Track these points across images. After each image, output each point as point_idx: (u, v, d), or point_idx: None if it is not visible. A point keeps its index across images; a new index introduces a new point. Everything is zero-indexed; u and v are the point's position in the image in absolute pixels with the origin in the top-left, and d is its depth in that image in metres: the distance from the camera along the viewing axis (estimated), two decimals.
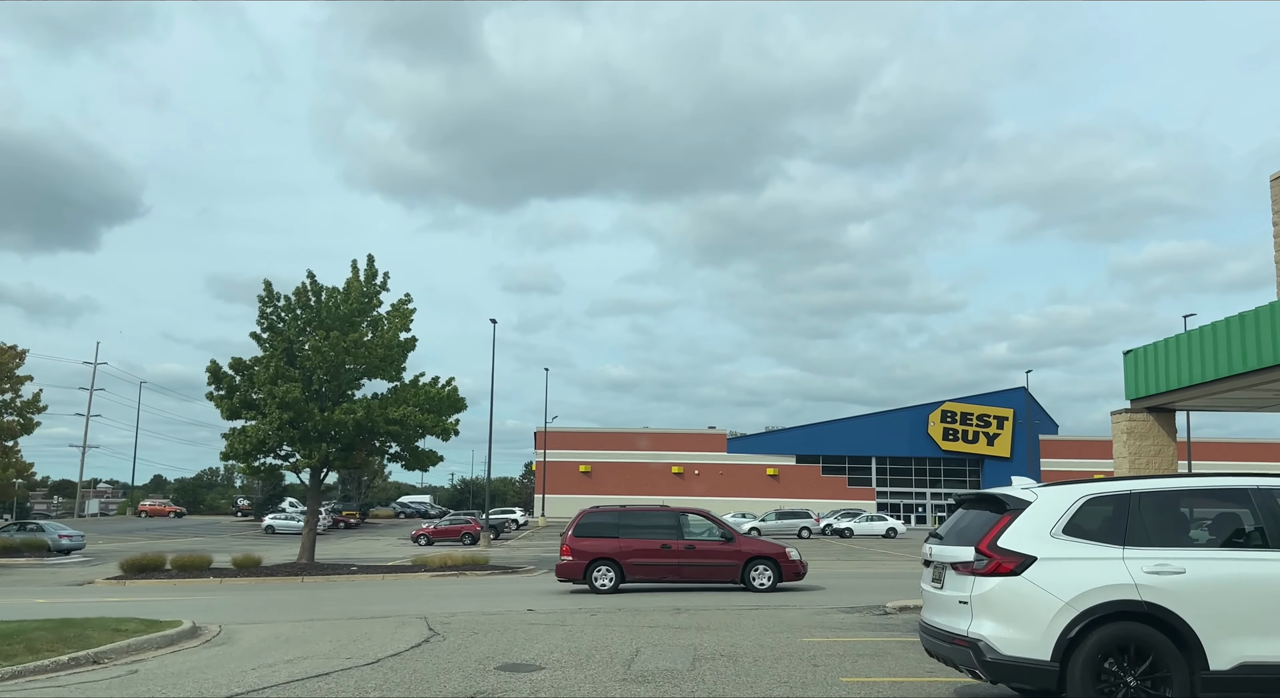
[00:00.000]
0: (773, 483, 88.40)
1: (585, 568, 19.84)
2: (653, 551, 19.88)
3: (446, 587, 22.34)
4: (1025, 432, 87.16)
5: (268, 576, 26.84)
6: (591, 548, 19.95)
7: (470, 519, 58.12)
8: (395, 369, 28.21)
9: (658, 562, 19.88)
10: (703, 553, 19.88)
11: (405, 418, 26.77)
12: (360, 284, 28.41)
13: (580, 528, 20.43)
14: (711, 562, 19.86)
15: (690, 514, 20.83)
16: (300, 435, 26.57)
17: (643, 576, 20.04)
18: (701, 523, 20.58)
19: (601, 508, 21.49)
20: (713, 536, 20.24)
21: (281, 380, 26.17)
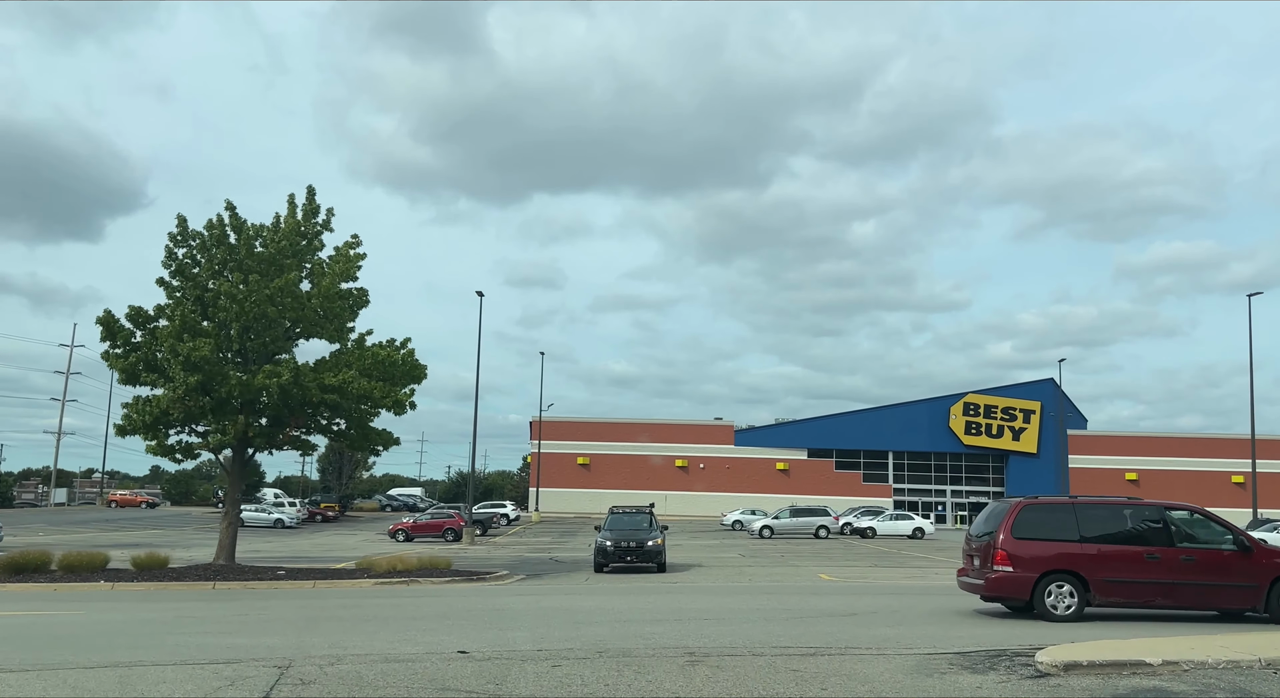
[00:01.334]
0: (782, 478, 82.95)
1: (1034, 584, 13.43)
2: (1133, 560, 13.68)
3: (377, 602, 16.95)
4: (1054, 426, 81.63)
5: (172, 580, 21.48)
6: (1041, 555, 13.59)
7: (454, 514, 52.79)
8: (338, 327, 22.82)
9: (1142, 579, 13.64)
10: (1205, 567, 13.75)
11: (345, 386, 21.38)
12: (296, 221, 23.01)
13: (1020, 524, 13.95)
14: (1219, 581, 13.73)
15: (1180, 511, 14.78)
16: (213, 405, 21.20)
17: (1120, 597, 13.75)
18: (1201, 524, 14.51)
19: (1045, 500, 14.95)
20: (1218, 542, 14.13)
21: (189, 335, 20.82)
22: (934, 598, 17.07)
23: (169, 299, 21.81)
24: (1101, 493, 78.37)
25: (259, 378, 20.73)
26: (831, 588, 19.90)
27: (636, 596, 17.72)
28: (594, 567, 25.15)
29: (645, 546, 24.62)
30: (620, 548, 24.50)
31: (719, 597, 17.46)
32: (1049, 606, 13.31)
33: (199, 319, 21.56)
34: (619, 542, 24.62)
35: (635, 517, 27.11)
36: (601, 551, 24.79)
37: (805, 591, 18.63)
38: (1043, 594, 13.33)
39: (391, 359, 22.52)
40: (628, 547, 24.59)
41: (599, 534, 25.67)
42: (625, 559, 24.56)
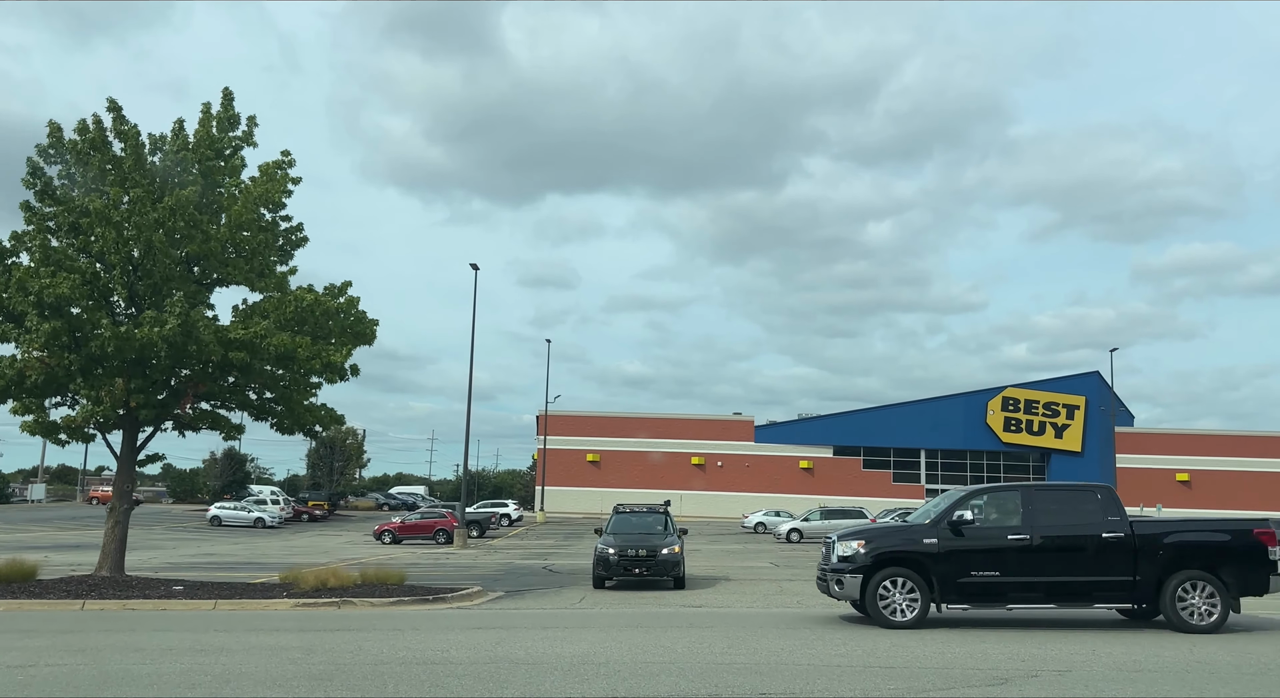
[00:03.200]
0: (806, 477, 77.25)
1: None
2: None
3: (258, 640, 11.55)
4: (1099, 423, 75.67)
5: (35, 596, 16.20)
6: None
7: (446, 513, 47.56)
8: (258, 269, 17.42)
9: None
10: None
11: (256, 340, 16.00)
12: (207, 131, 17.65)
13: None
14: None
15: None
16: (82, 364, 15.86)
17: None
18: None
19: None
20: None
21: (47, 268, 15.54)
22: (1103, 642, 11.54)
23: (29, 226, 16.45)
24: (1149, 494, 72.55)
25: (141, 329, 15.35)
26: None
27: (646, 630, 12.26)
28: (593, 581, 19.71)
29: (659, 555, 19.20)
30: (626, 558, 19.09)
31: (769, 633, 11.96)
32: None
33: (72, 254, 16.23)
34: (625, 550, 19.21)
35: (646, 517, 21.65)
36: (602, 561, 19.39)
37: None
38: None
39: (324, 308, 17.12)
40: (636, 556, 19.17)
41: (599, 539, 20.25)
42: (633, 572, 19.15)
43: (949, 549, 12.40)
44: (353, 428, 77.62)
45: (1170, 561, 12.27)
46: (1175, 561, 12.27)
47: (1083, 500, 12.83)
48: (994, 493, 13.31)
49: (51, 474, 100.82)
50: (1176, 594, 12.11)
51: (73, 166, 16.85)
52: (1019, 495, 12.98)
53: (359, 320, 18.09)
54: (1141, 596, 12.33)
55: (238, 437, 19.15)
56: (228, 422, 18.70)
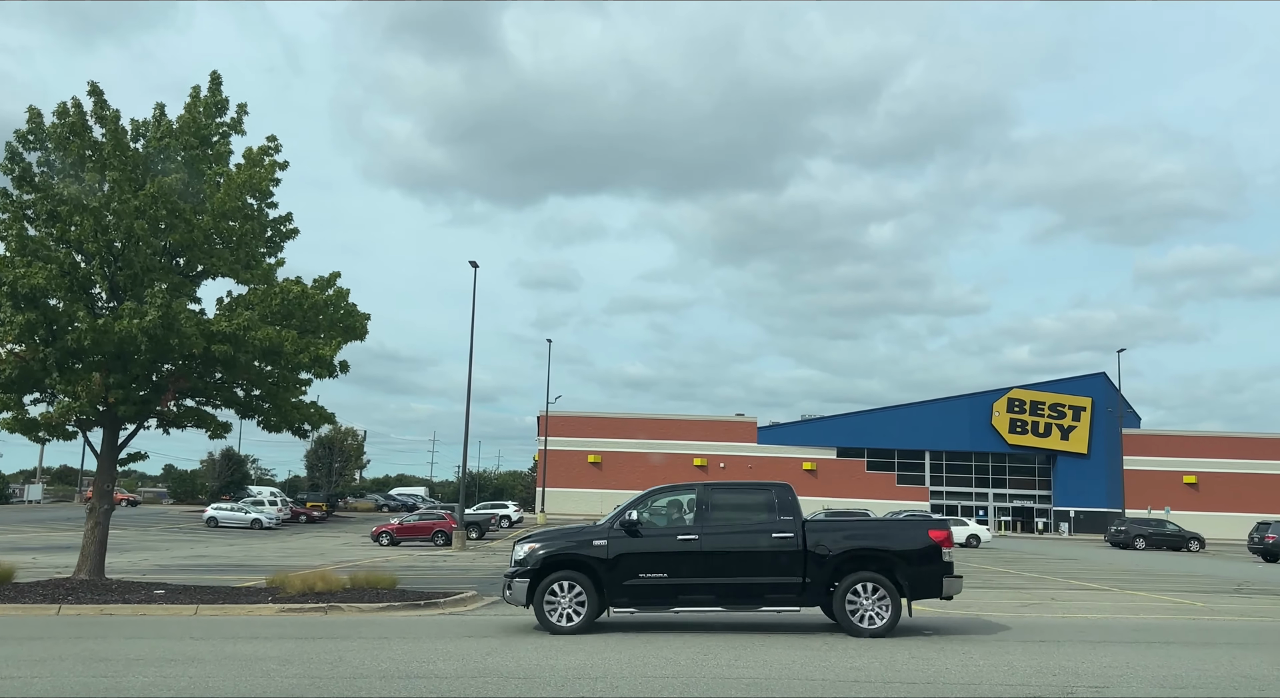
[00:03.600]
0: (809, 479, 76.48)
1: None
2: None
3: (235, 649, 10.85)
4: (1105, 425, 74.92)
5: (9, 600, 15.48)
6: None
7: (445, 514, 46.90)
8: (244, 260, 16.72)
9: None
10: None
11: (240, 333, 15.30)
12: (193, 117, 16.97)
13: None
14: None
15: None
16: (58, 358, 15.18)
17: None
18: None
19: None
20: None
21: (23, 259, 14.86)
22: (1197, 658, 10.82)
23: (4, 213, 15.76)
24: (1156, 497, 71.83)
25: (120, 321, 14.66)
26: (936, 627, 13.64)
27: (649, 640, 11.55)
28: None
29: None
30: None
31: (778, 643, 11.25)
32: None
33: (50, 243, 15.54)
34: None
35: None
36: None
37: (905, 634, 12.39)
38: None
39: (312, 301, 16.41)
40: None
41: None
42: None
43: (619, 552, 12.13)
44: (352, 429, 77.09)
45: (841, 562, 11.93)
46: (847, 563, 11.94)
47: (757, 500, 12.50)
48: (670, 493, 13.14)
49: (53, 475, 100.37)
50: (846, 597, 11.73)
51: (53, 153, 16.15)
52: (694, 495, 12.66)
53: (349, 314, 17.38)
54: (812, 598, 12.01)
55: (224, 435, 18.41)
56: (214, 419, 17.99)
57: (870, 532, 12.60)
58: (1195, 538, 50.82)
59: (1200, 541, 50.81)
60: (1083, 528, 74.03)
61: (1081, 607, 16.99)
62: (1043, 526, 76.30)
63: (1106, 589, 21.21)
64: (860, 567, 11.87)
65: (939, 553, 11.96)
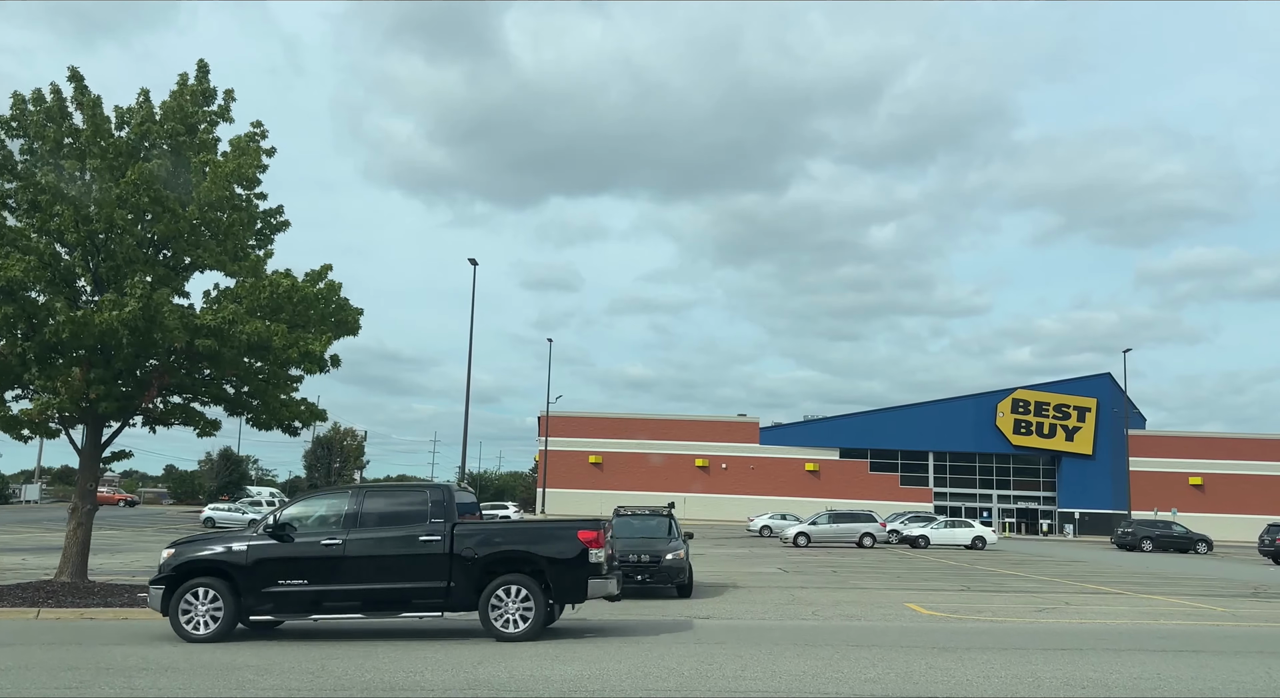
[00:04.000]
0: (812, 480, 75.98)
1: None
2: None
3: (210, 661, 10.29)
4: (1110, 425, 74.31)
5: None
6: None
7: None
8: (231, 252, 16.14)
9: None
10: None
11: (226, 326, 14.72)
12: (179, 105, 16.40)
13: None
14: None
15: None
16: (37, 352, 14.62)
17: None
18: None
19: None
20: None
21: (1, 248, 14.31)
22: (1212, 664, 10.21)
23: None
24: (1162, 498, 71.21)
25: (100, 314, 14.09)
26: (950, 634, 13.07)
27: (648, 646, 10.98)
28: None
29: (663, 560, 17.89)
30: (627, 564, 17.71)
31: (786, 651, 10.68)
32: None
33: (29, 233, 14.98)
34: (626, 555, 17.83)
35: (649, 521, 20.37)
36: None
37: (919, 641, 11.83)
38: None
39: (302, 294, 15.84)
40: (638, 562, 17.82)
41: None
42: (635, 579, 17.82)
43: (259, 557, 11.65)
44: (351, 429, 76.49)
45: (490, 565, 11.58)
46: (494, 565, 11.59)
47: (411, 503, 12.03)
48: (322, 496, 12.82)
49: (53, 475, 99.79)
50: (490, 601, 11.39)
51: (34, 141, 15.60)
52: (347, 498, 12.23)
53: (341, 308, 16.81)
54: (459, 602, 11.59)
55: (213, 432, 17.83)
56: (202, 417, 17.41)
57: (520, 534, 12.22)
58: (1203, 540, 50.19)
59: (1208, 542, 50.18)
60: (1087, 529, 73.41)
61: (1098, 612, 16.39)
62: (1047, 527, 75.68)
63: (1121, 593, 20.61)
64: (509, 570, 11.56)
65: (586, 556, 11.60)
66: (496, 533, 11.98)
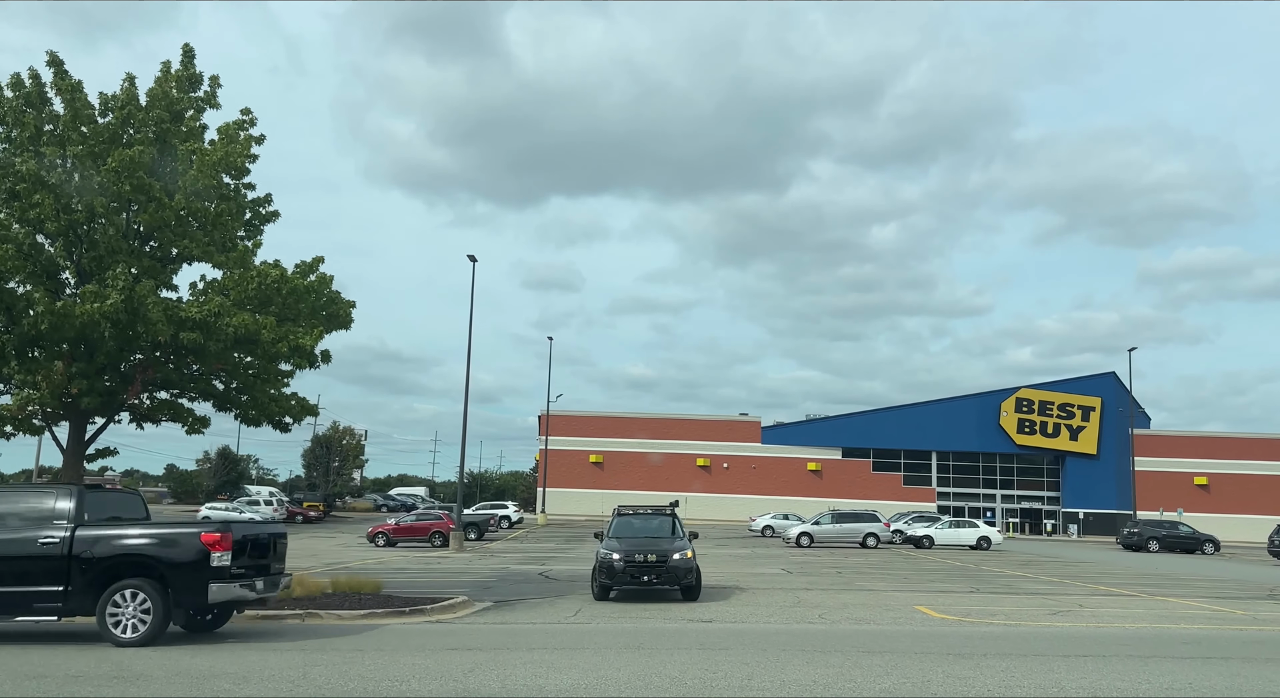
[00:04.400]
0: (814, 480, 75.34)
1: None
2: None
3: (188, 667, 9.77)
4: (1115, 425, 73.69)
5: None
6: None
7: (443, 515, 45.66)
8: (219, 242, 15.64)
9: None
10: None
11: (212, 320, 14.22)
12: (164, 91, 15.89)
13: None
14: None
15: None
16: (17, 343, 14.11)
17: None
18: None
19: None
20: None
21: None
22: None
23: None
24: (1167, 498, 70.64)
25: (81, 304, 13.58)
26: (964, 639, 12.53)
27: (650, 652, 10.45)
28: (594, 592, 17.80)
29: (669, 560, 17.12)
30: (634, 565, 17.02)
31: (794, 658, 10.15)
32: None
33: (8, 223, 14.46)
34: (632, 555, 17.20)
35: (652, 520, 19.76)
36: (607, 568, 17.18)
37: (933, 646, 11.29)
38: None
39: (291, 286, 15.33)
40: (645, 562, 17.07)
41: (602, 545, 18.28)
42: (641, 580, 17.13)
43: None
44: (350, 427, 75.94)
45: (109, 569, 11.17)
46: (114, 569, 11.18)
47: (35, 505, 11.51)
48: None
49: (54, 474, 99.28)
50: (108, 605, 11.02)
51: (12, 128, 15.09)
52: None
53: (333, 301, 16.33)
54: (78, 606, 11.20)
55: (202, 430, 17.31)
56: (190, 413, 16.91)
57: (142, 538, 11.49)
58: (1210, 540, 49.57)
59: (1215, 543, 49.56)
60: (1092, 530, 72.79)
61: (1115, 615, 15.85)
62: (1051, 527, 75.07)
63: (1134, 595, 20.06)
64: (131, 573, 11.15)
65: (208, 560, 11.15)
66: (120, 537, 11.41)
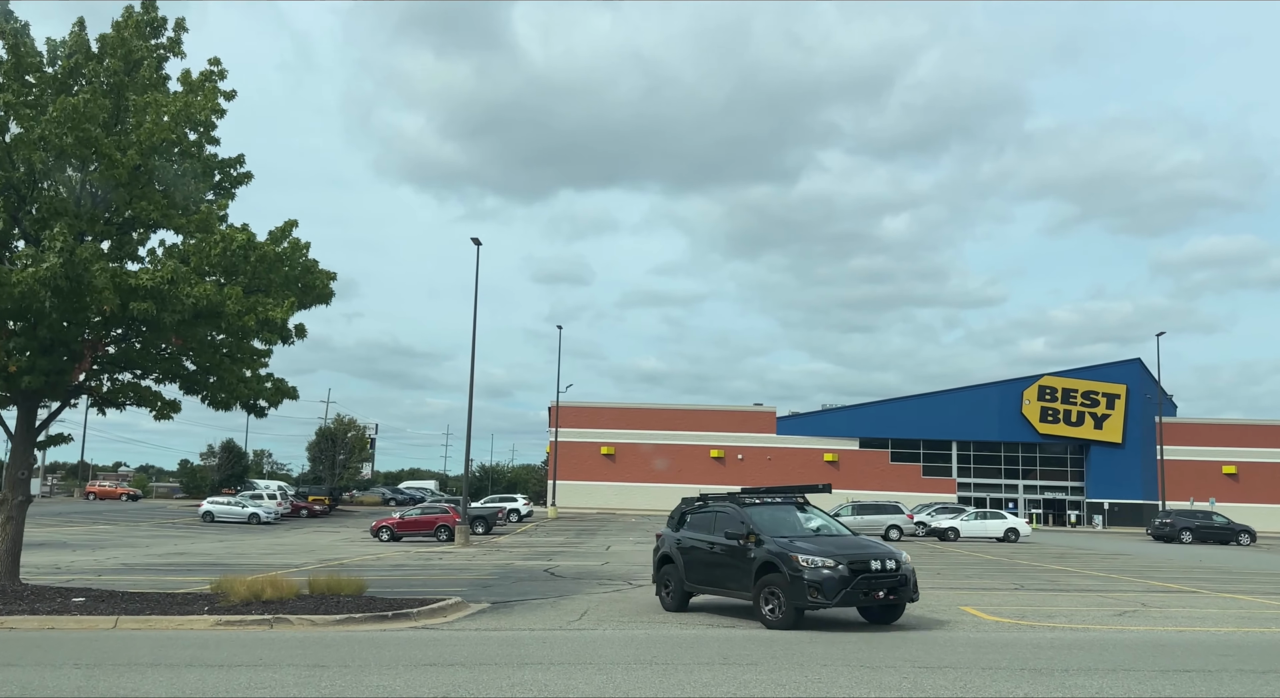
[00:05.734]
0: (831, 471, 73.42)
1: None
2: None
3: (121, 688, 8.13)
4: (1140, 412, 71.57)
5: None
6: None
7: (449, 508, 44.13)
8: (181, 202, 13.99)
9: None
10: None
11: (167, 289, 12.56)
12: (123, 37, 14.23)
13: None
14: None
15: None
16: None
17: None
18: None
19: None
20: None
21: None
22: None
23: None
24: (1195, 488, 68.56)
25: (17, 271, 11.95)
26: (1032, 648, 10.78)
27: (664, 668, 8.78)
28: (779, 618, 12.09)
29: (902, 567, 12.33)
30: (871, 576, 11.89)
31: (840, 673, 8.46)
32: None
33: None
34: (865, 561, 12.01)
35: (788, 513, 14.00)
36: (820, 582, 11.67)
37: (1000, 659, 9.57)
38: None
39: (261, 253, 13.66)
40: (884, 571, 12.05)
41: (766, 545, 12.42)
42: (877, 596, 11.93)
43: None
44: (354, 420, 74.48)
45: None
46: None
47: None
48: None
49: (66, 470, 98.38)
50: None
51: None
52: None
53: (308, 270, 14.63)
54: None
55: (170, 415, 15.68)
56: (157, 397, 15.25)
57: None
58: (1245, 531, 47.63)
59: (1251, 533, 47.64)
60: (1117, 520, 70.78)
61: (1188, 616, 14.08)
62: (1075, 518, 73.08)
63: (1195, 591, 18.28)
64: None
65: None
66: None
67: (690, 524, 14.61)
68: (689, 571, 13.94)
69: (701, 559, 13.75)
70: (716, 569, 13.42)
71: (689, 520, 14.72)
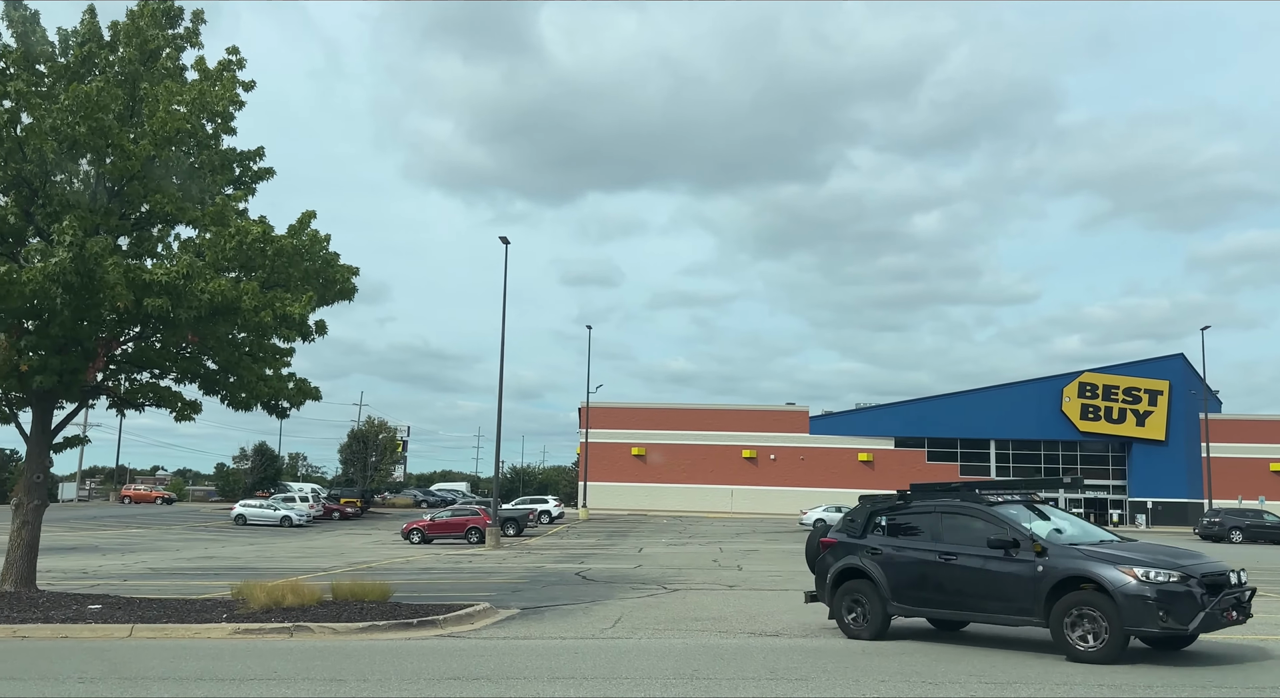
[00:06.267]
0: (865, 471, 72.28)
1: None
2: None
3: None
4: (1184, 409, 69.74)
5: None
6: None
7: (480, 510, 43.71)
8: (198, 195, 13.53)
9: None
10: None
11: (181, 285, 12.07)
12: (136, 28, 13.79)
13: None
14: None
15: None
16: None
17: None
18: None
19: None
20: None
21: None
22: None
23: None
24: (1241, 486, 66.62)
25: (26, 269, 11.51)
26: (1130, 667, 9.99)
27: (707, 682, 8.11)
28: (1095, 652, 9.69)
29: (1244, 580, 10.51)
30: (1230, 589, 10.03)
31: (898, 687, 7.70)
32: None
33: None
34: (1221, 575, 10.12)
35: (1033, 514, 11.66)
36: (1173, 598, 9.53)
37: (1107, 682, 8.79)
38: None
39: (279, 246, 13.15)
40: (1239, 583, 10.29)
41: (1067, 557, 10.23)
42: (1226, 616, 9.89)
43: None
44: (384, 421, 74.47)
45: None
46: None
47: None
48: None
49: (106, 474, 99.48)
50: None
51: None
52: None
53: (328, 264, 14.14)
54: None
55: (192, 416, 15.24)
56: (177, 397, 14.84)
57: None
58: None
59: None
60: (1160, 520, 68.98)
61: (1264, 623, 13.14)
62: (1117, 518, 71.32)
63: (1263, 595, 17.24)
64: None
65: None
66: None
67: (892, 529, 12.14)
68: (900, 589, 11.36)
69: (927, 574, 11.21)
70: (958, 587, 10.89)
71: (886, 524, 12.26)
